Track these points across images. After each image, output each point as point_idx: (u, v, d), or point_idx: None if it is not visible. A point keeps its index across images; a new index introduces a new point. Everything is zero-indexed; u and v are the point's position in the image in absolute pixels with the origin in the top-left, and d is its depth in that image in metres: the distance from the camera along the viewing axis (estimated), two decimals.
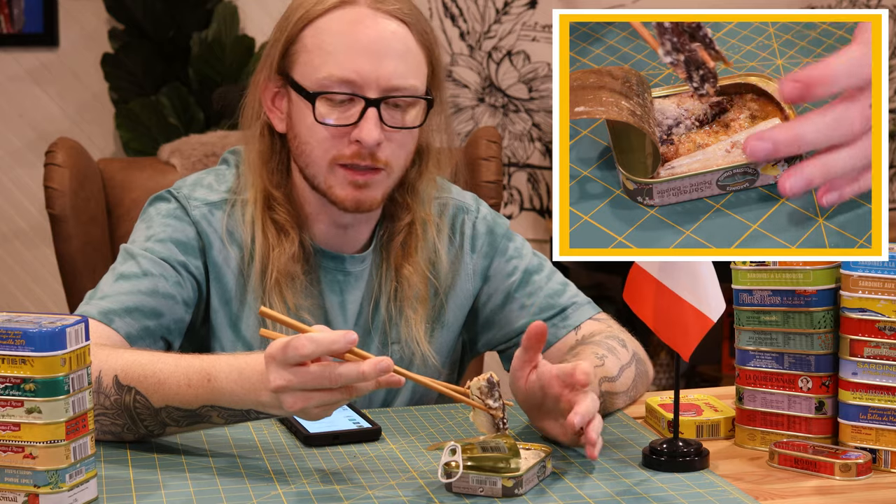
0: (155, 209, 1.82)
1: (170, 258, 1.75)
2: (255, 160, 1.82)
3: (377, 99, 1.71)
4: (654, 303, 1.53)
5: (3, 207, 4.22)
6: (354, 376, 1.39)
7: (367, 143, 1.70)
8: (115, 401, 1.54)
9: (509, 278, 1.89)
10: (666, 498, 1.42)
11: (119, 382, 1.53)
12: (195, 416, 1.51)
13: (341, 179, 1.74)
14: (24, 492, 1.34)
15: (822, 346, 1.56)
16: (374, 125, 1.70)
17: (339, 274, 1.83)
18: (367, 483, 1.46)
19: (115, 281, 1.73)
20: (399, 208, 1.85)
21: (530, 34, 4.29)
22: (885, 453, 1.53)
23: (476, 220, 1.91)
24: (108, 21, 4.15)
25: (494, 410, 1.46)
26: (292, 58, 1.76)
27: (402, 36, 1.74)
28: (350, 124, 1.71)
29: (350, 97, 1.71)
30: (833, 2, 4.36)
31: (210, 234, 1.79)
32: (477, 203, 1.94)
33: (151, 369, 1.53)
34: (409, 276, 1.84)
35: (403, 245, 1.84)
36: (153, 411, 1.52)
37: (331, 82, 1.71)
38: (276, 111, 1.80)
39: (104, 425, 1.56)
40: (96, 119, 4.21)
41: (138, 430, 1.56)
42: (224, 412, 1.50)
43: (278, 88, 1.79)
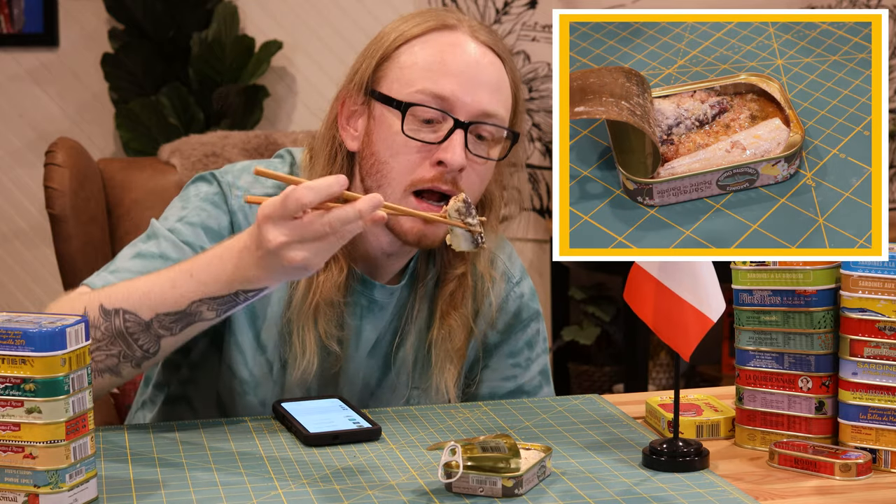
0: (195, 189, 1.79)
1: (193, 243, 1.73)
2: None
3: (467, 122, 1.69)
4: (654, 303, 1.53)
5: (3, 207, 4.22)
6: (353, 215, 1.41)
7: (452, 165, 1.68)
8: (105, 329, 1.55)
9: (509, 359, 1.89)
10: (666, 498, 1.42)
11: (105, 309, 1.55)
12: (186, 315, 1.53)
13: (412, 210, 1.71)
14: (24, 492, 1.34)
15: (822, 346, 1.56)
16: (460, 148, 1.68)
17: (363, 298, 1.80)
18: (367, 483, 1.46)
19: (131, 257, 1.72)
20: (454, 256, 1.81)
21: (530, 34, 4.29)
22: (885, 453, 1.53)
23: (510, 293, 1.90)
24: (108, 21, 4.15)
25: (473, 227, 1.47)
26: (383, 73, 1.73)
27: (498, 68, 1.73)
28: (435, 143, 1.69)
29: (439, 116, 1.69)
30: (833, 2, 4.36)
31: (244, 226, 1.75)
32: (521, 275, 1.93)
33: (134, 286, 1.56)
34: (455, 328, 1.81)
35: (452, 295, 1.82)
36: (144, 325, 1.54)
37: (424, 96, 1.69)
38: (351, 129, 1.77)
39: (99, 362, 1.57)
40: (96, 119, 4.21)
41: (133, 354, 1.56)
42: (213, 302, 1.52)
43: (357, 107, 1.76)
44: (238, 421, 1.70)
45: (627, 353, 3.98)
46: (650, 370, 4.27)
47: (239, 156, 3.23)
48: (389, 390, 1.84)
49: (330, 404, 1.71)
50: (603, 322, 4.29)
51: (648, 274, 1.53)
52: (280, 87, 4.23)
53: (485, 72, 1.71)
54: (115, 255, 1.77)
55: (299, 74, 4.24)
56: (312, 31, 4.24)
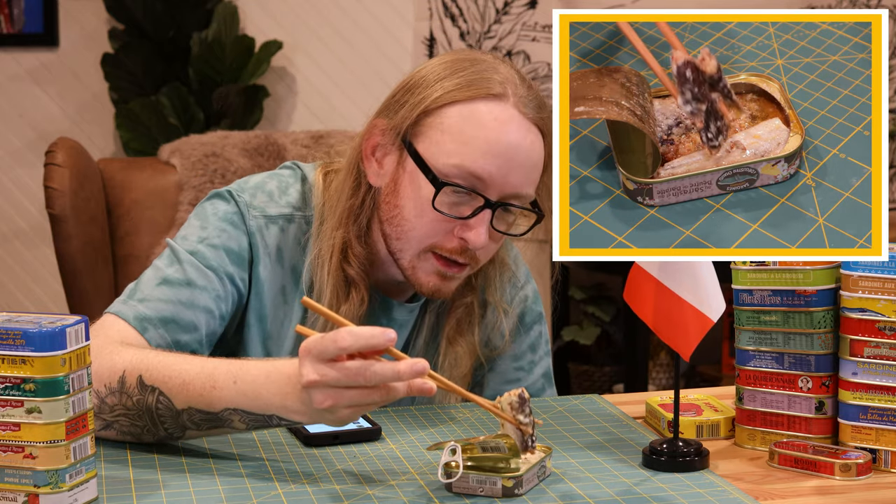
0: (212, 207, 1.77)
1: (218, 268, 1.71)
2: (344, 212, 1.75)
3: (496, 203, 1.68)
4: (654, 303, 1.53)
5: (3, 207, 4.22)
6: (390, 375, 1.37)
7: (474, 246, 1.68)
8: (137, 401, 1.53)
9: (513, 362, 1.89)
10: (666, 498, 1.42)
11: (143, 383, 1.52)
12: (217, 419, 1.50)
13: (430, 267, 1.70)
14: (24, 492, 1.34)
15: (822, 346, 1.56)
16: (485, 229, 1.68)
17: (382, 318, 1.80)
18: (367, 483, 1.46)
19: (157, 284, 1.69)
20: (463, 285, 1.80)
21: (530, 34, 4.29)
22: (885, 453, 1.53)
23: (514, 297, 1.90)
24: (108, 21, 4.15)
25: (524, 426, 1.45)
26: (422, 130, 1.69)
27: (538, 148, 1.70)
28: (461, 218, 1.68)
29: (471, 193, 1.67)
30: (833, 2, 4.36)
31: (261, 248, 1.75)
32: (526, 279, 1.93)
33: (177, 370, 1.51)
34: (461, 354, 1.81)
35: (459, 322, 1.82)
36: (175, 413, 1.51)
37: (460, 172, 1.66)
38: (375, 163, 1.74)
39: (123, 426, 1.55)
40: (96, 119, 4.21)
41: (157, 433, 1.55)
42: (246, 416, 1.48)
43: (389, 146, 1.73)
44: None
45: (627, 353, 3.98)
46: (650, 370, 4.27)
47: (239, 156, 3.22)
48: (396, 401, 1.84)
49: None
50: (603, 322, 4.29)
51: (648, 274, 1.53)
52: (280, 87, 4.23)
53: (524, 154, 1.68)
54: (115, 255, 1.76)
55: (299, 74, 4.24)
56: (312, 31, 4.24)
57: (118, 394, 1.53)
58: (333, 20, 4.25)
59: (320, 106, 4.19)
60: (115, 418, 1.54)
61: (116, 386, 1.53)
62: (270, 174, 1.82)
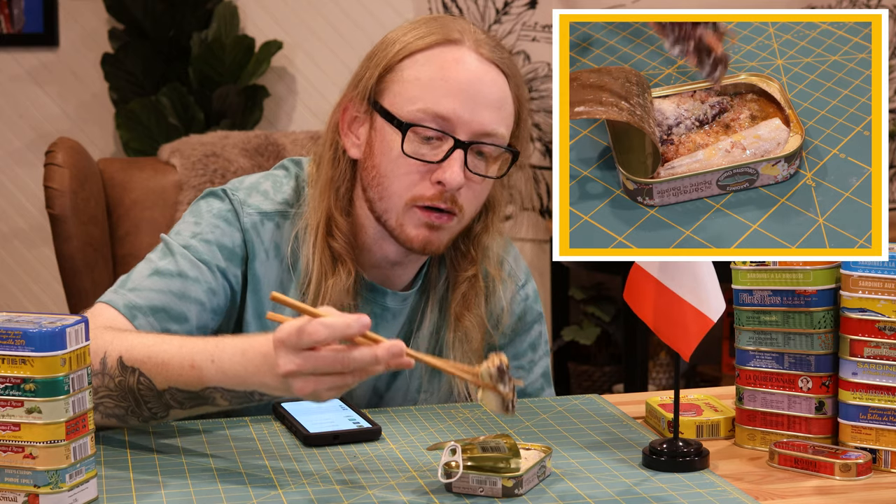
0: (207, 205, 1.78)
1: (210, 262, 1.72)
2: (324, 184, 1.77)
3: (467, 142, 1.69)
4: (654, 303, 1.53)
5: (3, 207, 4.22)
6: (369, 360, 1.38)
7: (451, 186, 1.68)
8: (118, 382, 1.54)
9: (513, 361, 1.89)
10: (666, 498, 1.42)
11: (123, 364, 1.53)
12: (199, 397, 1.51)
13: (416, 220, 1.71)
14: (24, 492, 1.34)
15: (822, 346, 1.56)
16: (459, 168, 1.68)
17: (376, 307, 1.80)
18: (367, 483, 1.46)
19: (149, 275, 1.71)
20: (462, 258, 1.82)
21: (530, 34, 4.29)
22: (885, 453, 1.53)
23: (515, 295, 1.90)
24: (108, 21, 4.15)
25: (505, 392, 1.45)
26: (385, 86, 1.73)
27: (501, 85, 1.72)
28: (435, 162, 1.69)
29: (439, 135, 1.69)
30: (833, 2, 4.36)
31: (256, 244, 1.76)
32: (526, 278, 1.93)
33: (155, 350, 1.52)
34: (471, 329, 1.81)
35: (465, 297, 1.82)
36: (157, 393, 1.52)
37: (425, 116, 1.68)
38: (353, 136, 1.76)
39: (108, 408, 1.56)
40: (96, 119, 4.21)
41: (142, 413, 1.55)
42: (227, 393, 1.49)
43: (360, 114, 1.75)
44: (238, 421, 1.70)
45: (627, 353, 3.98)
46: (650, 370, 4.27)
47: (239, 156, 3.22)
48: (400, 395, 1.84)
49: (330, 404, 1.71)
50: (603, 322, 4.29)
51: (648, 274, 1.53)
52: (280, 87, 4.23)
53: (487, 90, 1.70)
54: (115, 255, 1.77)
55: (299, 74, 4.24)
56: (312, 31, 4.24)
57: (100, 375, 1.54)
58: (333, 20, 4.25)
59: (320, 106, 4.18)
60: (99, 400, 1.55)
61: (98, 367, 1.54)
62: (265, 174, 1.84)
